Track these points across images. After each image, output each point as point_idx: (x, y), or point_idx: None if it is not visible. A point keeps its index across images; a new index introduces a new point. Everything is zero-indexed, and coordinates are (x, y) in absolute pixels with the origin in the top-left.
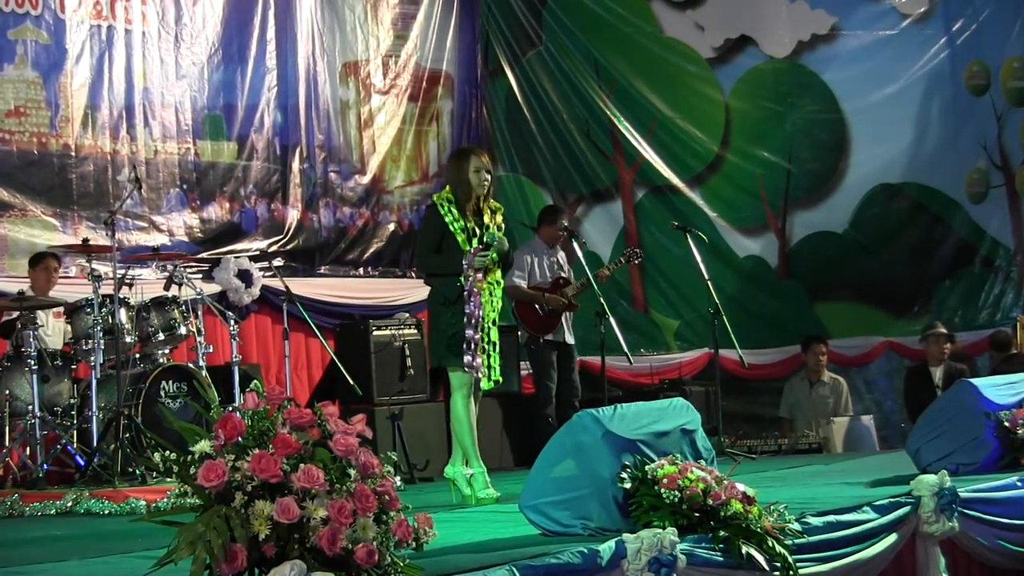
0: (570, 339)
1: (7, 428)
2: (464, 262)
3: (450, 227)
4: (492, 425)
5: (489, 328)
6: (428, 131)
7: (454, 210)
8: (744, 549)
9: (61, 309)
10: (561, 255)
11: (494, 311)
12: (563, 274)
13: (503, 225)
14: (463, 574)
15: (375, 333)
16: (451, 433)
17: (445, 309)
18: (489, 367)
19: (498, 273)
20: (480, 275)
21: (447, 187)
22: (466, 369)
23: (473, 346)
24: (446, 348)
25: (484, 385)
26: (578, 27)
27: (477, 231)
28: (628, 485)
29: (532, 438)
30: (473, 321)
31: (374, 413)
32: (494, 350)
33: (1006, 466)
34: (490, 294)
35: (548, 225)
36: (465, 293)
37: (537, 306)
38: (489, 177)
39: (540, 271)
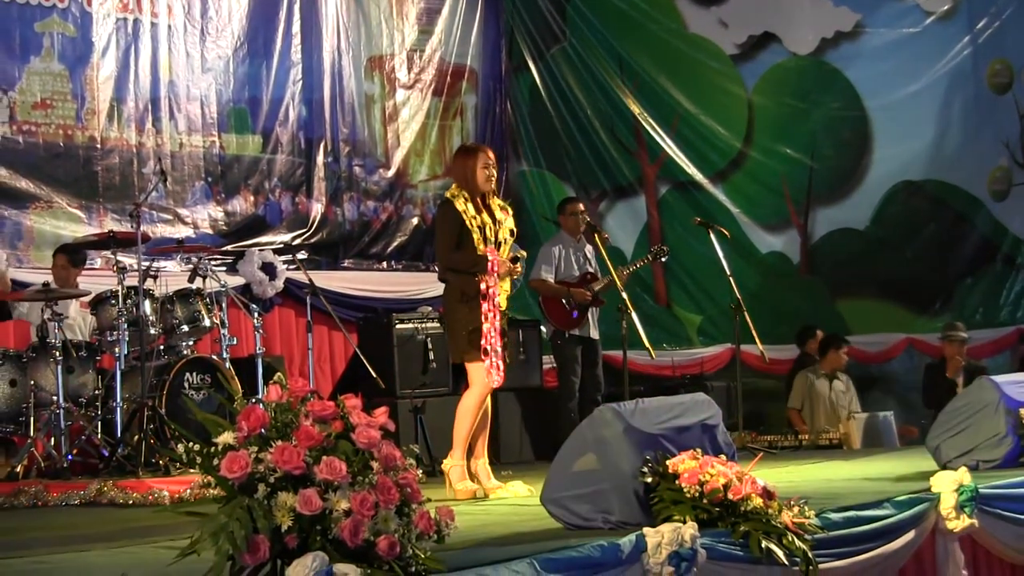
0: (595, 334)
1: (32, 418)
2: (490, 263)
3: (468, 223)
4: (513, 419)
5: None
6: (452, 125)
7: (471, 207)
8: (764, 544)
9: (87, 300)
10: (588, 249)
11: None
12: (590, 268)
13: (515, 230)
14: (484, 567)
15: (398, 326)
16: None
17: (463, 305)
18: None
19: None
20: (495, 280)
21: (455, 184)
22: (487, 379)
23: (491, 351)
24: (467, 343)
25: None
26: (602, 23)
27: (489, 225)
28: (649, 479)
29: (554, 432)
30: (492, 316)
31: (396, 406)
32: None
33: None
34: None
35: (564, 216)
36: (486, 289)
37: (564, 301)
38: (495, 173)
39: (566, 264)
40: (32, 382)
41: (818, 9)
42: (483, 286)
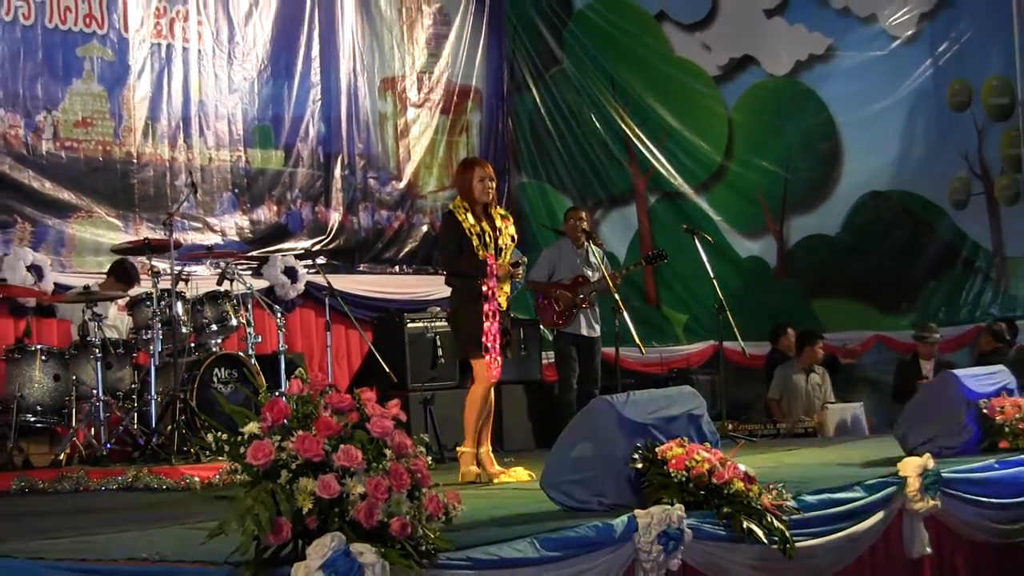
0: (589, 332)
1: (74, 410)
2: (489, 268)
3: (467, 232)
4: (516, 410)
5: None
6: (458, 141)
7: (470, 216)
8: (745, 524)
9: (124, 302)
10: (592, 253)
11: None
12: (587, 272)
13: (515, 236)
14: (488, 545)
15: (409, 325)
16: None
17: (466, 306)
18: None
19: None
20: (494, 282)
21: (458, 195)
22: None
23: (494, 347)
24: (470, 341)
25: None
26: (596, 47)
27: (488, 232)
28: (640, 465)
29: (553, 422)
30: (492, 316)
31: (408, 398)
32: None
33: (985, 449)
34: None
35: (567, 223)
36: (487, 291)
37: (551, 301)
38: (493, 185)
39: (562, 268)
40: (74, 377)
41: (793, 34)
42: (484, 288)
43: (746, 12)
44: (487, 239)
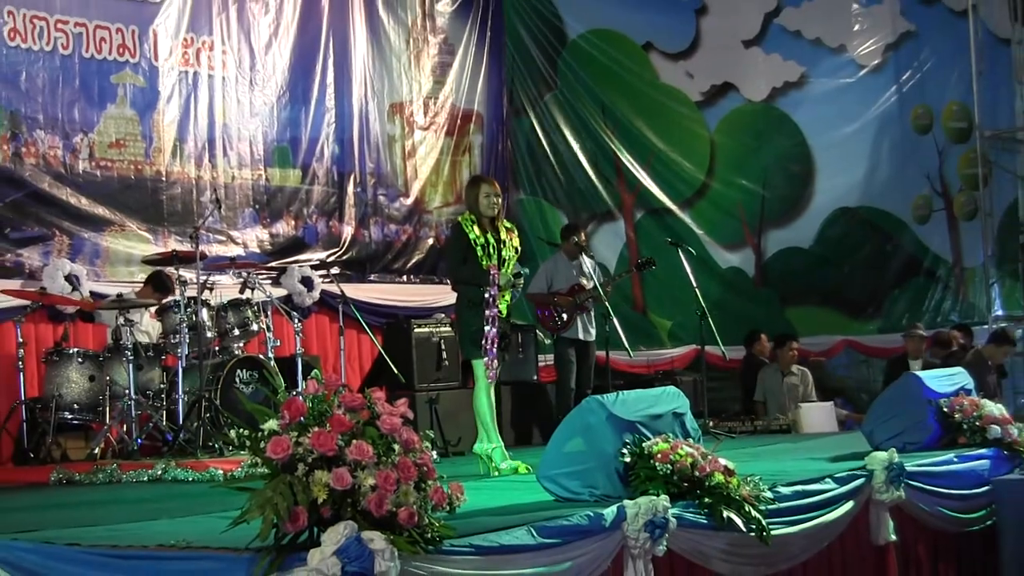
0: (586, 336)
1: (108, 408)
2: (491, 276)
3: (473, 243)
4: (514, 408)
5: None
6: (461, 161)
7: (476, 228)
8: (725, 513)
9: (154, 309)
10: (589, 263)
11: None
12: (583, 281)
13: (519, 247)
14: (489, 533)
15: (416, 330)
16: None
17: (470, 311)
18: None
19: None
20: (496, 290)
21: (466, 209)
22: (487, 375)
23: (492, 349)
24: (471, 343)
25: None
26: (588, 74)
27: (494, 243)
28: (628, 459)
29: (548, 419)
30: (492, 320)
31: (415, 398)
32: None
33: (945, 445)
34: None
35: (565, 240)
36: (488, 298)
37: (552, 308)
38: (498, 201)
39: (557, 280)
40: (108, 377)
41: (769, 63)
42: (486, 295)
43: (726, 43)
44: (491, 250)
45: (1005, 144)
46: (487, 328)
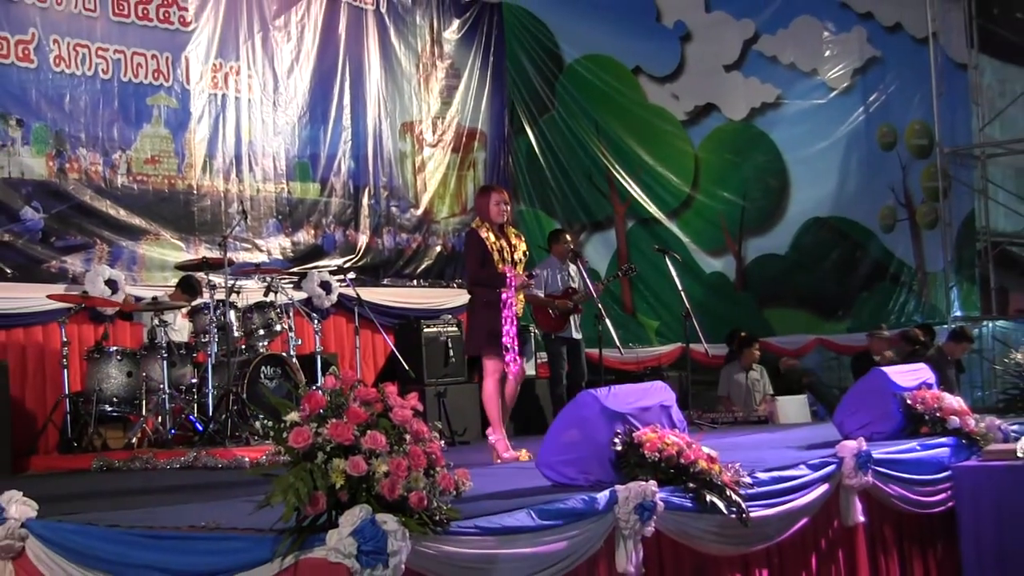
0: (577, 335)
1: (144, 401)
2: (508, 279)
3: (489, 248)
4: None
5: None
6: (467, 175)
7: (491, 235)
8: (708, 497)
9: (186, 310)
10: (573, 268)
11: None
12: (573, 284)
13: (528, 252)
14: (493, 515)
15: (425, 330)
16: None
17: (486, 310)
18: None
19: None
20: (513, 292)
21: (478, 216)
22: (506, 370)
23: (514, 346)
24: (485, 340)
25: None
26: (583, 96)
27: (506, 248)
28: (619, 448)
29: (545, 411)
30: (511, 320)
31: (424, 392)
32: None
33: (909, 434)
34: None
35: (555, 244)
36: (505, 299)
37: (549, 310)
38: (507, 208)
39: (553, 282)
40: (144, 373)
41: (748, 85)
42: (503, 296)
43: (709, 67)
44: (505, 254)
45: (963, 160)
46: (507, 327)
